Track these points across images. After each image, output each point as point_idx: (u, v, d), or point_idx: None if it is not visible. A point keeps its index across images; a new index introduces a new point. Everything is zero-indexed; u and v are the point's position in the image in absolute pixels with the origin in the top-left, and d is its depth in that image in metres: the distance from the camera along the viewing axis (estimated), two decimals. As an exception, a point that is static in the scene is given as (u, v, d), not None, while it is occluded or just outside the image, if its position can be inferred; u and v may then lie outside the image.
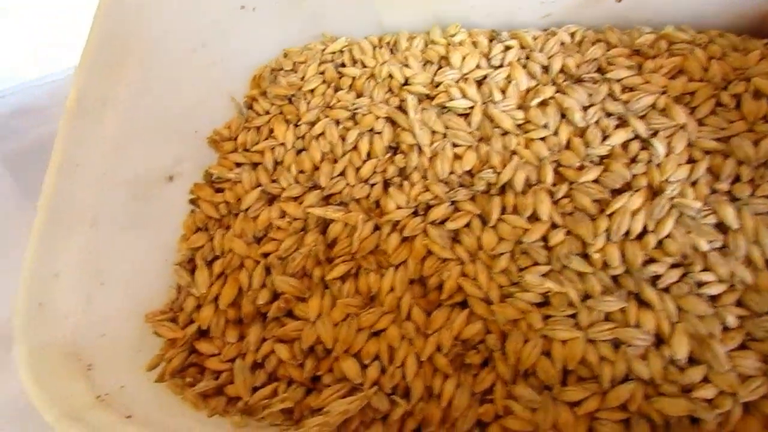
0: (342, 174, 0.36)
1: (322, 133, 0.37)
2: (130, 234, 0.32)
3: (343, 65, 0.41)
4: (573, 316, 0.29)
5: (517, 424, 0.28)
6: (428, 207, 0.34)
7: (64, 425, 0.24)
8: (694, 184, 0.31)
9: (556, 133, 0.34)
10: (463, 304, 0.31)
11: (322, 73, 0.40)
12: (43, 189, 0.28)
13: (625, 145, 0.33)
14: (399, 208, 0.34)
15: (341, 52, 0.41)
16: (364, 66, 0.40)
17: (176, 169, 0.36)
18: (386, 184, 0.35)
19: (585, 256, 0.30)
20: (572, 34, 0.39)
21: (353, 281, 0.33)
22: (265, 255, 0.34)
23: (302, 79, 0.40)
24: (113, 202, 0.31)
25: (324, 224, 0.35)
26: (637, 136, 0.33)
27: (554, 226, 0.31)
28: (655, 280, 0.29)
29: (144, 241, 0.33)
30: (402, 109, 0.37)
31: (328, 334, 0.31)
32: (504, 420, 0.28)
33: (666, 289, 0.29)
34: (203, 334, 0.33)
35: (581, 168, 0.33)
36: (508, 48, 0.38)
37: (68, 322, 0.28)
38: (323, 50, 0.42)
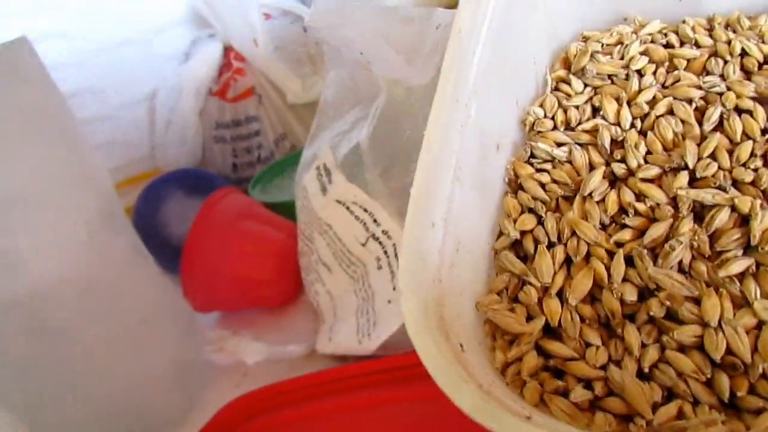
0: (711, 156, 0.29)
1: (670, 112, 0.31)
2: (474, 199, 0.27)
3: (666, 45, 0.35)
4: None
5: None
6: None
7: (485, 410, 0.18)
8: None
9: None
10: None
11: (644, 53, 0.35)
12: (431, 119, 0.23)
13: None
14: (806, 196, 0.27)
15: (662, 33, 0.36)
16: (698, 46, 0.34)
17: (502, 139, 0.30)
18: (770, 170, 0.28)
19: None
20: None
21: (753, 280, 0.25)
22: (618, 244, 0.28)
23: (622, 59, 0.35)
24: (469, 156, 0.26)
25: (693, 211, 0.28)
26: None
27: None
28: None
29: (479, 212, 0.28)
30: (774, 86, 0.30)
31: (743, 344, 0.23)
32: None
33: None
34: (547, 331, 0.27)
35: None
36: None
37: (436, 287, 0.22)
38: (633, 32, 0.37)
